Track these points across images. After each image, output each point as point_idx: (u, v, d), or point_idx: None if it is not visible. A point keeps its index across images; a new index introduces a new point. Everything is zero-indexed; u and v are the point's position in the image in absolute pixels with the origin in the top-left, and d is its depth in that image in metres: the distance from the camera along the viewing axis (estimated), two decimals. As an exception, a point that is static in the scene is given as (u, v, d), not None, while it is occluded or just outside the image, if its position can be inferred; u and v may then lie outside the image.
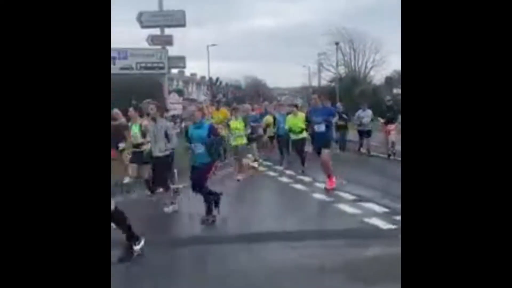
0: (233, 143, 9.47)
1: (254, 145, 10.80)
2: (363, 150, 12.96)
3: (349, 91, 33.20)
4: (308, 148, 9.50)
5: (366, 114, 13.07)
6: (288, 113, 10.35)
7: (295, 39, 72.81)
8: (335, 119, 10.97)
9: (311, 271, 3.98)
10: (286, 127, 10.03)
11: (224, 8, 74.20)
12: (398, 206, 5.52)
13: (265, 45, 76.80)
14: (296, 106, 11.03)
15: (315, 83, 45.44)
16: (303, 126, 9.06)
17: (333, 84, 38.98)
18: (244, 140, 9.47)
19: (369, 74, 43.05)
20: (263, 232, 5.36)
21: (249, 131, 10.51)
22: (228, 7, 75.96)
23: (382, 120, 12.50)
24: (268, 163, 11.07)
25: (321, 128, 7.69)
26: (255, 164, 10.49)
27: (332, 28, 41.91)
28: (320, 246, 4.73)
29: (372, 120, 12.99)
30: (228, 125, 9.79)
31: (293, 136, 9.95)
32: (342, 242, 4.85)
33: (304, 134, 9.48)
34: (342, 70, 42.43)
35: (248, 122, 10.56)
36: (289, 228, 5.46)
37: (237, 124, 9.45)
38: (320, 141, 7.85)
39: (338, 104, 14.65)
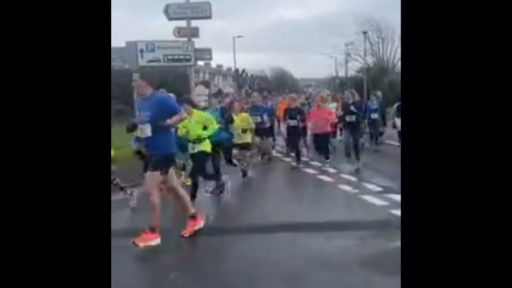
0: None
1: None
2: None
3: (377, 82, 32.65)
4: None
5: None
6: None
7: (321, 29, 72.23)
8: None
9: (338, 262, 3.98)
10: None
11: (249, -1, 73.92)
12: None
13: (291, 36, 76.48)
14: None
15: (342, 73, 44.95)
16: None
17: (360, 74, 38.37)
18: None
19: (397, 64, 42.17)
20: (290, 223, 5.37)
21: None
22: (253, -2, 75.58)
23: None
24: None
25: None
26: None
27: (360, 17, 41.26)
28: (346, 238, 4.71)
29: None
30: None
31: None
32: (368, 233, 4.82)
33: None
34: (370, 59, 41.69)
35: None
36: (315, 219, 5.46)
37: None
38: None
39: (367, 97, 11.37)
